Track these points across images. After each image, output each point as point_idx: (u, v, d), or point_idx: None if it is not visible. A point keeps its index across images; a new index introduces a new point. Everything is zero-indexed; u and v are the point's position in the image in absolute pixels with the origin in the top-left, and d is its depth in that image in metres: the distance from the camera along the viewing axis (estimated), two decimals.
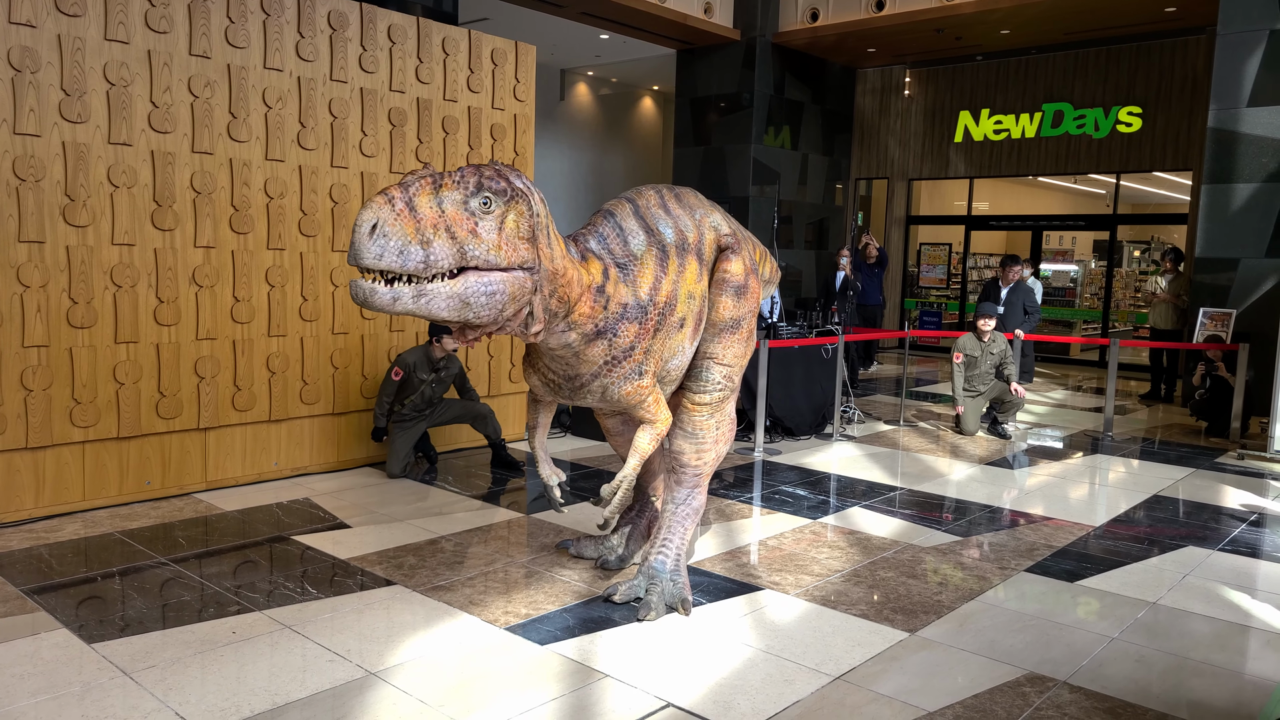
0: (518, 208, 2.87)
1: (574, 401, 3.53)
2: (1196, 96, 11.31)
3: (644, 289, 3.44)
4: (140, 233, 4.97)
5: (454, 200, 2.73)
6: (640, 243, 3.51)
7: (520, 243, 2.87)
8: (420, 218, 2.65)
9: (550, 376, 3.50)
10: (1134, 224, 14.51)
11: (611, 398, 3.45)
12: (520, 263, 2.87)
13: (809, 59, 13.21)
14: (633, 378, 3.43)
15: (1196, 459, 6.99)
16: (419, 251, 2.63)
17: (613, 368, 3.39)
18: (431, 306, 2.71)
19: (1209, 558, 4.62)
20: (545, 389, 3.59)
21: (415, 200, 2.67)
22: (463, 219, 2.73)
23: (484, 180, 2.79)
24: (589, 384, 3.42)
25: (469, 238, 2.74)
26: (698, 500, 3.92)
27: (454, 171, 2.79)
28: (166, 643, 3.31)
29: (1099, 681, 3.22)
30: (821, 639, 3.50)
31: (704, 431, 3.82)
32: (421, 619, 3.60)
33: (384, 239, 2.59)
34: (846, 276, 10.97)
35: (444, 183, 2.74)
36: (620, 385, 3.42)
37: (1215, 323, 8.35)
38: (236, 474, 5.47)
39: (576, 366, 3.39)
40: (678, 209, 3.75)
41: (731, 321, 3.81)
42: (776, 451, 6.83)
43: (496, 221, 2.80)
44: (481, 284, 2.79)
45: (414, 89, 6.09)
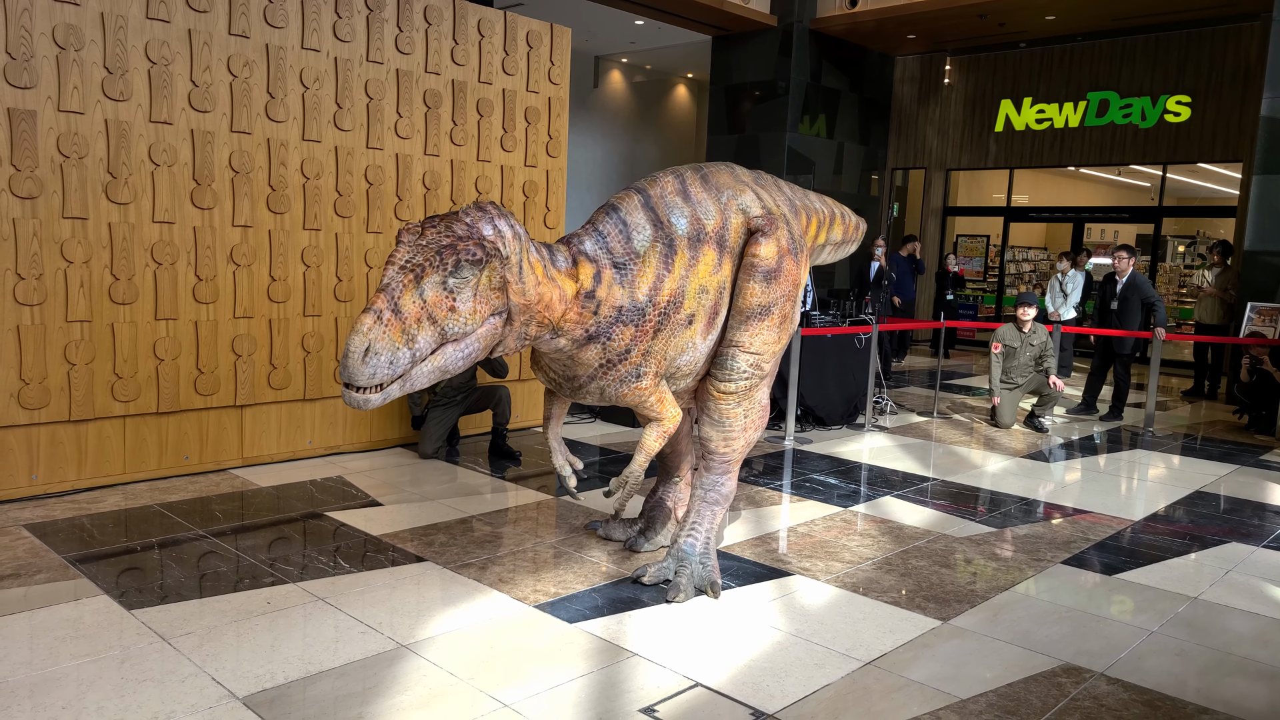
0: (490, 266, 2.94)
1: (577, 399, 3.56)
2: (1249, 85, 11.00)
3: (642, 290, 3.38)
4: (180, 211, 5.04)
5: (434, 284, 2.82)
6: (645, 238, 3.43)
7: (492, 294, 2.96)
8: (405, 316, 2.76)
9: (552, 375, 3.56)
10: (1179, 217, 14.17)
11: (610, 398, 3.48)
12: (492, 310, 2.97)
13: (847, 46, 13.04)
14: (630, 380, 3.42)
15: (1240, 456, 6.82)
16: (406, 353, 2.76)
17: (608, 370, 3.39)
18: (416, 385, 2.88)
19: (1252, 554, 4.50)
20: (550, 385, 3.64)
21: (400, 302, 2.77)
22: (442, 300, 2.83)
23: (462, 257, 2.85)
24: (586, 385, 3.46)
25: (448, 316, 2.85)
26: (727, 486, 3.88)
27: (434, 253, 2.84)
28: (203, 611, 3.37)
29: (1137, 674, 3.15)
30: (852, 624, 3.46)
31: (731, 420, 3.75)
32: (452, 595, 3.62)
33: (375, 358, 2.71)
34: (881, 267, 10.84)
35: (425, 270, 2.81)
36: (617, 387, 3.43)
37: (1263, 317, 8.14)
38: (272, 451, 5.54)
39: (573, 369, 3.43)
40: (701, 193, 3.60)
41: (760, 308, 3.64)
42: (807, 440, 6.78)
43: (472, 290, 2.89)
44: (459, 351, 2.93)
45: (449, 70, 6.10)
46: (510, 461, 5.84)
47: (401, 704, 2.76)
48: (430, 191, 6.08)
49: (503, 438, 5.94)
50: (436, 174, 6.09)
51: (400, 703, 2.76)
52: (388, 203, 5.88)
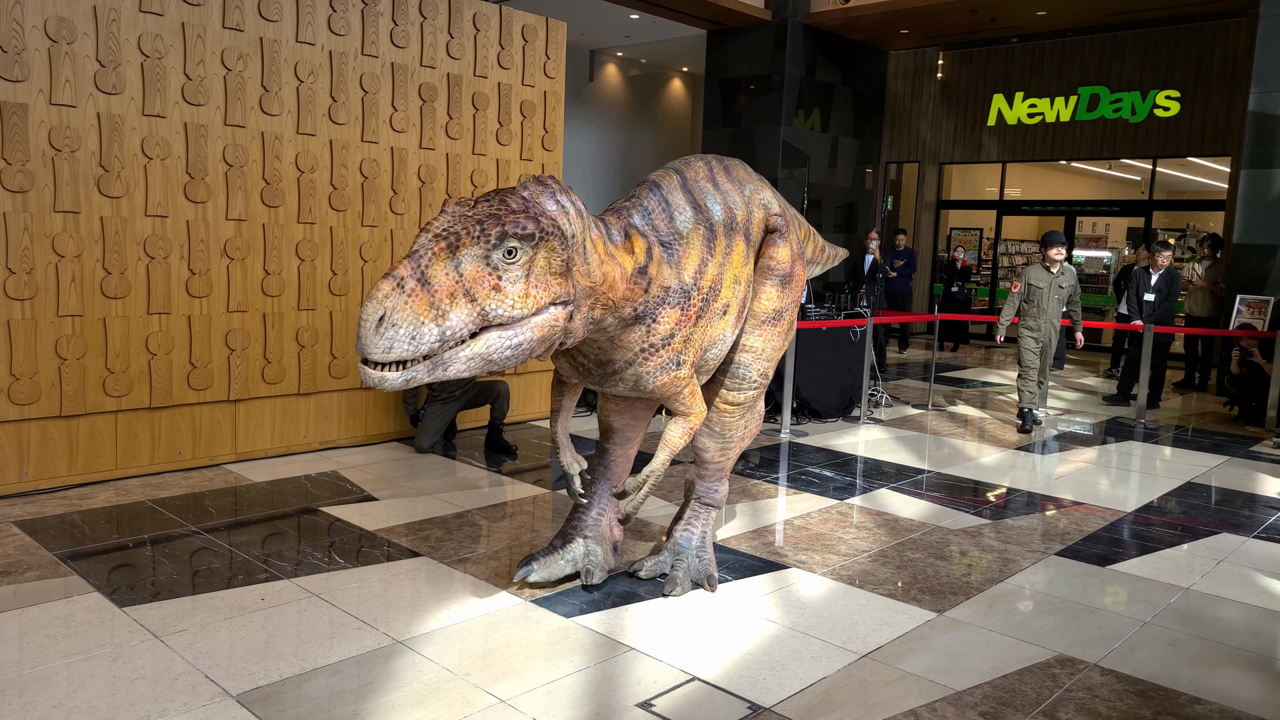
0: (548, 244, 2.60)
1: (604, 388, 3.27)
2: (1237, 80, 11.04)
3: (688, 271, 3.16)
4: (173, 204, 5.01)
5: (473, 256, 2.50)
6: (687, 220, 3.25)
7: (551, 279, 2.61)
8: (435, 289, 2.43)
9: (581, 360, 3.19)
10: (1169, 210, 14.23)
11: (645, 387, 3.18)
12: (552, 299, 2.63)
13: (841, 40, 13.04)
14: (670, 368, 3.15)
15: (1231, 447, 6.86)
16: (433, 330, 2.42)
17: (649, 356, 3.11)
18: (449, 372, 2.53)
19: (1243, 545, 4.53)
20: (574, 373, 3.30)
21: (429, 272, 2.44)
22: (484, 276, 2.50)
23: (508, 228, 2.53)
24: (622, 371, 3.14)
25: (491, 295, 2.51)
26: (722, 491, 3.86)
27: (475, 223, 2.53)
28: (196, 608, 3.35)
29: (1130, 664, 3.17)
30: (848, 617, 3.47)
31: (732, 431, 3.67)
32: (448, 590, 3.61)
33: (393, 329, 2.37)
34: (875, 260, 10.86)
35: (462, 240, 2.49)
36: (656, 375, 3.14)
37: (1252, 310, 8.18)
38: (265, 446, 5.52)
39: (610, 352, 3.10)
40: (727, 183, 3.48)
41: (774, 313, 3.57)
42: (803, 433, 6.79)
43: (523, 269, 2.56)
44: (505, 339, 2.57)
45: (444, 64, 6.08)
46: (507, 456, 5.84)
47: (397, 700, 2.75)
48: (425, 185, 6.06)
49: (499, 432, 5.94)
50: (432, 168, 6.07)
51: (396, 699, 2.76)
52: (383, 196, 5.86)
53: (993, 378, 10.32)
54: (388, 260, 5.93)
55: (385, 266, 5.93)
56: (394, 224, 5.94)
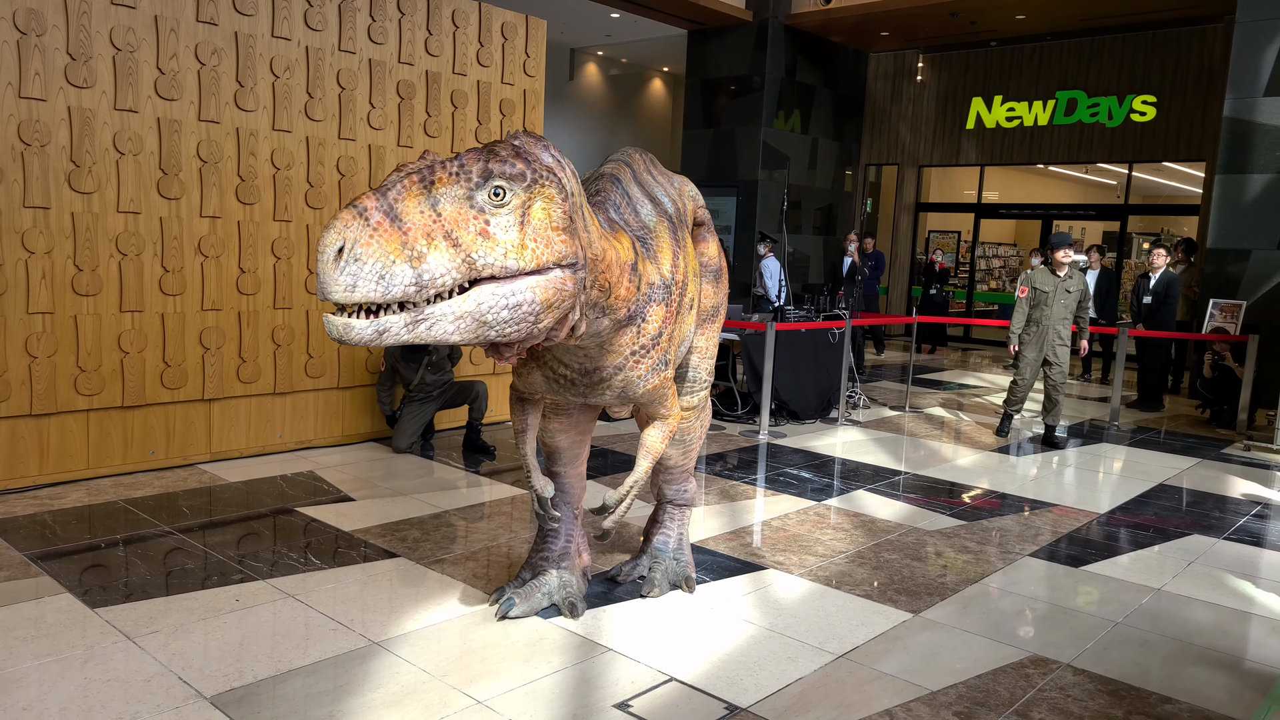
0: (544, 192, 2.31)
1: (588, 399, 3.03)
2: (1212, 86, 11.20)
3: (665, 265, 2.99)
4: (146, 201, 4.94)
5: (454, 197, 2.19)
6: (649, 212, 3.10)
7: (554, 235, 2.31)
8: (407, 228, 2.11)
9: (561, 371, 2.92)
10: (1145, 214, 14.42)
11: (635, 393, 2.97)
12: (557, 259, 2.32)
13: (821, 42, 13.10)
14: (660, 369, 2.96)
15: (1202, 449, 6.96)
16: (406, 272, 2.09)
17: (640, 359, 2.88)
18: (435, 332, 2.19)
19: (1214, 546, 4.60)
20: (550, 386, 3.00)
21: (399, 206, 2.12)
22: (468, 219, 2.19)
23: (492, 166, 2.24)
24: (611, 379, 2.89)
25: (478, 241, 2.19)
26: (691, 489, 3.79)
27: (451, 159, 2.26)
28: (170, 609, 3.31)
29: (1102, 664, 3.20)
30: (825, 618, 3.49)
31: (691, 435, 3.60)
32: (425, 591, 3.59)
33: (355, 264, 2.04)
34: (854, 262, 10.92)
35: (438, 176, 2.20)
36: (648, 379, 2.94)
37: (1225, 314, 8.30)
38: (240, 446, 5.47)
39: (599, 359, 2.83)
40: (660, 175, 3.32)
41: (713, 310, 3.51)
42: (781, 435, 6.81)
43: (515, 215, 2.26)
44: (500, 296, 2.24)
45: (423, 61, 6.04)
46: (485, 456, 5.81)
47: (373, 701, 2.73)
48: None
49: (478, 432, 5.91)
50: None
51: (372, 700, 2.74)
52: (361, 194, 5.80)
53: (969, 380, 10.41)
54: None
55: None
56: None
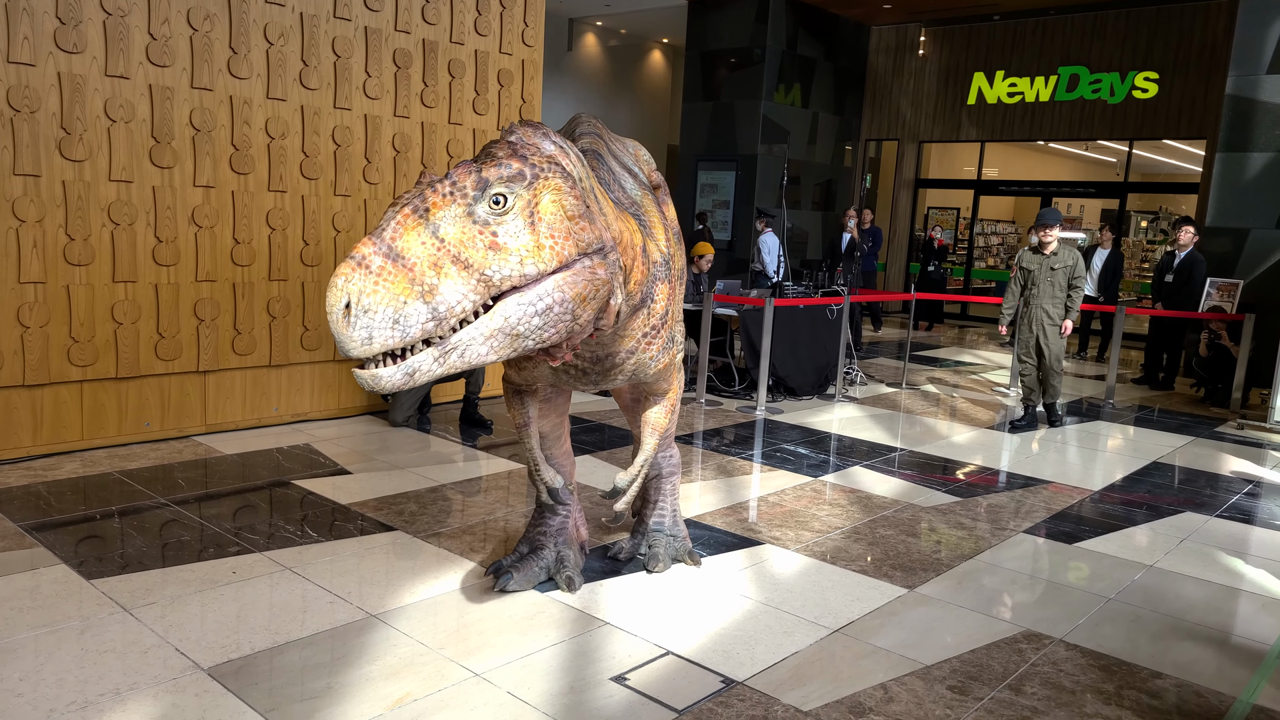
0: (550, 184, 2.23)
1: (596, 387, 2.94)
2: (1214, 63, 11.11)
3: (661, 240, 2.93)
4: (138, 169, 4.88)
5: (453, 217, 2.11)
6: (633, 186, 3.00)
7: (572, 225, 2.23)
8: (412, 263, 2.04)
9: (571, 361, 2.81)
10: (1144, 193, 14.37)
11: (646, 374, 2.90)
12: (580, 249, 2.24)
13: (823, 14, 12.95)
14: (669, 347, 2.90)
15: (1196, 428, 6.99)
16: (420, 310, 2.03)
17: (652, 339, 2.80)
18: (469, 357, 2.13)
19: (1206, 524, 4.62)
20: (558, 377, 2.90)
21: (398, 244, 2.05)
22: (473, 236, 2.11)
23: (487, 174, 2.15)
24: (623, 364, 2.79)
25: (489, 257, 2.10)
26: (676, 456, 3.74)
27: (442, 179, 2.17)
28: (166, 581, 3.31)
29: (1094, 640, 3.23)
30: (821, 593, 3.50)
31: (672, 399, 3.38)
32: (422, 564, 3.60)
33: (366, 316, 1.99)
34: (852, 238, 10.88)
35: (431, 202, 2.12)
36: (659, 358, 2.86)
37: (1222, 293, 8.30)
38: (236, 418, 5.45)
39: (611, 345, 2.72)
40: (617, 142, 3.18)
41: (680, 271, 3.32)
42: (779, 411, 6.81)
43: (524, 217, 2.17)
44: (526, 305, 2.17)
45: (420, 29, 5.95)
46: (482, 430, 5.81)
47: (370, 674, 2.74)
48: (400, 154, 5.95)
49: (475, 406, 5.90)
50: (407, 136, 5.97)
51: (369, 673, 2.75)
52: (356, 165, 5.75)
53: (966, 357, 10.41)
54: (361, 230, 5.83)
55: (359, 237, 5.83)
56: (368, 194, 5.84)
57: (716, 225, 13.01)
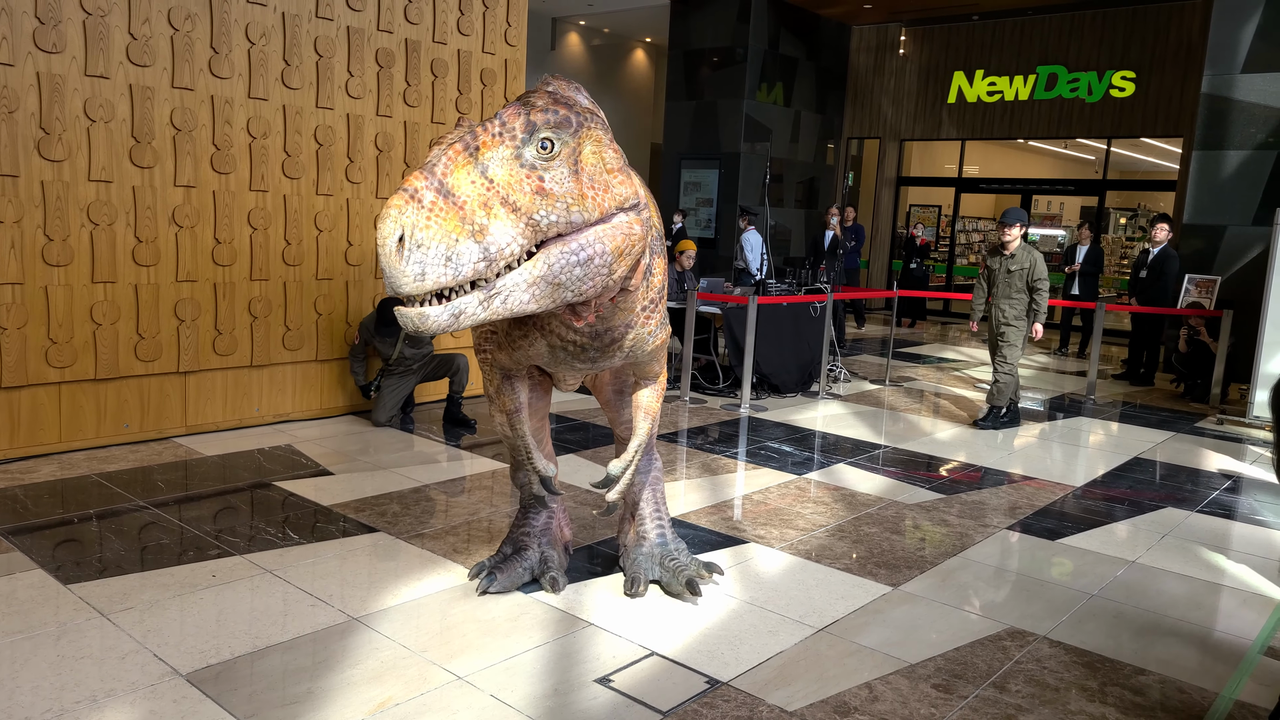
0: (592, 135, 2.20)
1: (592, 366, 2.82)
2: (1190, 62, 11.22)
3: (654, 214, 2.80)
4: (118, 169, 4.82)
5: (502, 159, 2.08)
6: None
7: (610, 178, 2.20)
8: (463, 201, 2.01)
9: (570, 337, 2.67)
10: (1122, 190, 14.50)
11: (643, 351, 2.81)
12: (618, 203, 2.21)
13: (804, 14, 12.98)
14: (664, 323, 2.83)
15: (1176, 423, 7.06)
16: (473, 249, 1.99)
17: (650, 314, 2.72)
18: (511, 304, 2.08)
19: (1187, 519, 4.67)
20: (554, 355, 2.76)
21: (449, 181, 2.02)
22: (521, 179, 2.08)
23: (535, 118, 2.11)
24: (622, 339, 2.69)
25: (536, 201, 2.08)
26: (658, 462, 3.53)
27: (491, 120, 2.14)
28: (145, 585, 3.28)
29: (1078, 636, 3.25)
30: (805, 592, 3.51)
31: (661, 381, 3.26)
32: (405, 566, 3.58)
33: (419, 250, 1.95)
34: (835, 236, 10.91)
35: (481, 141, 2.09)
36: (656, 333, 2.78)
37: (1200, 289, 8.39)
38: (217, 419, 5.40)
39: (611, 318, 2.61)
40: None
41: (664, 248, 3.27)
42: (763, 408, 6.83)
43: (568, 165, 2.14)
44: (569, 254, 2.13)
45: (402, 29, 5.92)
46: (465, 429, 5.78)
47: (352, 678, 2.72)
48: (383, 153, 5.92)
49: (459, 405, 5.88)
50: (389, 135, 5.93)
51: (351, 677, 2.73)
52: (338, 164, 5.71)
53: (948, 353, 10.48)
54: (343, 230, 5.80)
55: (341, 236, 5.80)
56: (350, 193, 5.80)
57: (700, 223, 13.02)
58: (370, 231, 5.92)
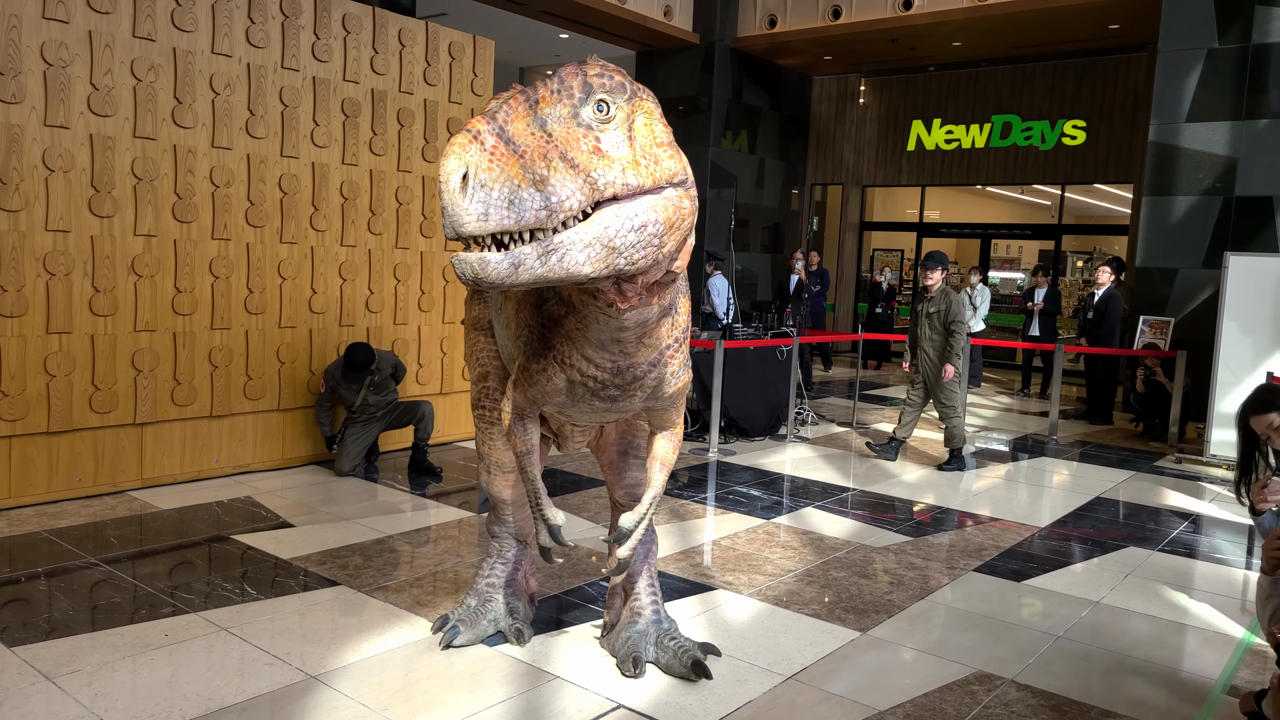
0: (644, 106, 2.17)
1: (610, 406, 2.69)
2: (1138, 112, 11.65)
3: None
4: (76, 219, 4.77)
5: (560, 116, 2.03)
6: None
7: (660, 151, 2.15)
8: (523, 150, 1.95)
9: (590, 372, 2.56)
10: (1078, 234, 14.88)
11: (665, 393, 2.71)
12: (668, 177, 2.16)
13: (767, 64, 13.30)
14: (687, 364, 2.75)
15: (1136, 462, 7.17)
16: (535, 196, 1.92)
17: (675, 353, 2.65)
18: (567, 263, 1.99)
19: (1149, 558, 4.72)
20: (573, 392, 2.64)
21: (510, 129, 1.96)
22: (578, 137, 2.03)
23: (592, 80, 2.08)
24: (644, 377, 2.60)
25: (594, 160, 2.02)
26: (656, 536, 3.42)
27: (549, 77, 2.09)
28: (95, 646, 3.17)
29: (1045, 679, 3.25)
30: (774, 638, 3.48)
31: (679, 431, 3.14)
32: (366, 620, 3.50)
33: (483, 190, 1.88)
34: (800, 280, 11.06)
35: (541, 95, 2.05)
36: (679, 375, 2.70)
37: (1155, 330, 8.59)
38: (174, 471, 5.28)
39: (635, 353, 2.53)
40: None
41: None
42: (731, 452, 6.83)
43: (623, 130, 2.11)
44: (625, 217, 2.06)
45: (369, 80, 5.97)
46: (431, 478, 5.71)
47: None
48: (348, 201, 5.92)
49: (423, 453, 5.81)
50: (355, 183, 5.94)
51: None
52: (303, 212, 5.70)
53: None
54: (307, 278, 5.76)
55: (305, 284, 5.76)
56: (315, 240, 5.79)
57: None
58: (335, 280, 5.90)
